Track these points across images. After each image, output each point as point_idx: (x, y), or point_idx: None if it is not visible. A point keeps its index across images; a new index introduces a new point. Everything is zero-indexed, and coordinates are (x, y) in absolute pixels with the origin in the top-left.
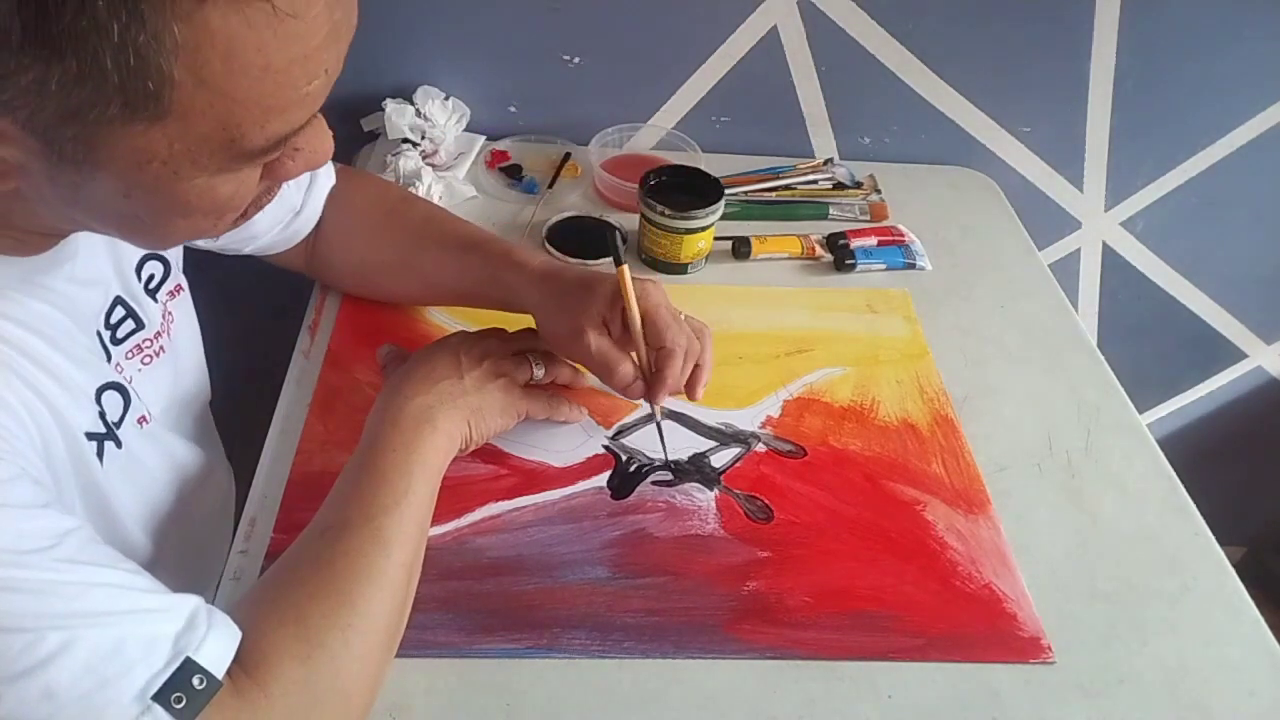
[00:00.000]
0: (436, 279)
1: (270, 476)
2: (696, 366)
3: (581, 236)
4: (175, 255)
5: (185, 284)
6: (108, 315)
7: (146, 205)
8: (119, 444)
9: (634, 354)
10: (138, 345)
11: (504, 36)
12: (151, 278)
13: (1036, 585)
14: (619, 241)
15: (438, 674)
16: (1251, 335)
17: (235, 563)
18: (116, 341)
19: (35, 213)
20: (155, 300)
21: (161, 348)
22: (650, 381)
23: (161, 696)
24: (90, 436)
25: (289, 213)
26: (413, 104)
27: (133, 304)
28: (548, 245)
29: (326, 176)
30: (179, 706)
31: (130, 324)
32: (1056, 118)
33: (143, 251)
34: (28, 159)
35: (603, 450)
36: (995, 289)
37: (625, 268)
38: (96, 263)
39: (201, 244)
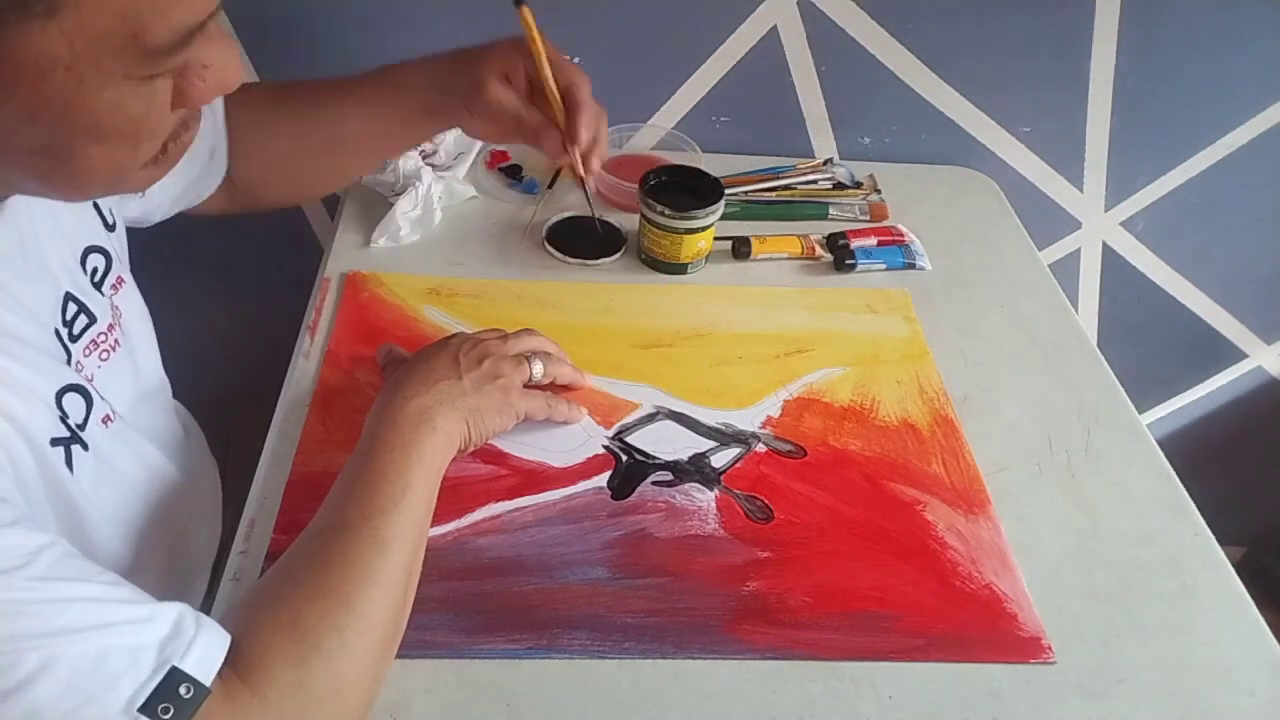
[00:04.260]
0: (349, 132)
1: (270, 477)
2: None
3: (582, 236)
4: (119, 247)
5: (129, 278)
6: (62, 312)
7: (56, 129)
8: (85, 446)
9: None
10: (94, 340)
11: (503, 37)
12: (95, 270)
13: (1036, 585)
14: None
15: (438, 674)
16: (1251, 335)
17: (235, 563)
18: (74, 338)
19: None
20: (101, 294)
21: (116, 341)
22: (566, 133)
23: (148, 708)
24: (55, 442)
25: (206, 154)
26: None
27: (82, 299)
28: (547, 245)
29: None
30: (166, 717)
31: (84, 319)
32: (1056, 118)
33: (85, 244)
34: None
35: (603, 450)
36: (995, 289)
37: (526, 8)
38: (43, 258)
39: (133, 212)
